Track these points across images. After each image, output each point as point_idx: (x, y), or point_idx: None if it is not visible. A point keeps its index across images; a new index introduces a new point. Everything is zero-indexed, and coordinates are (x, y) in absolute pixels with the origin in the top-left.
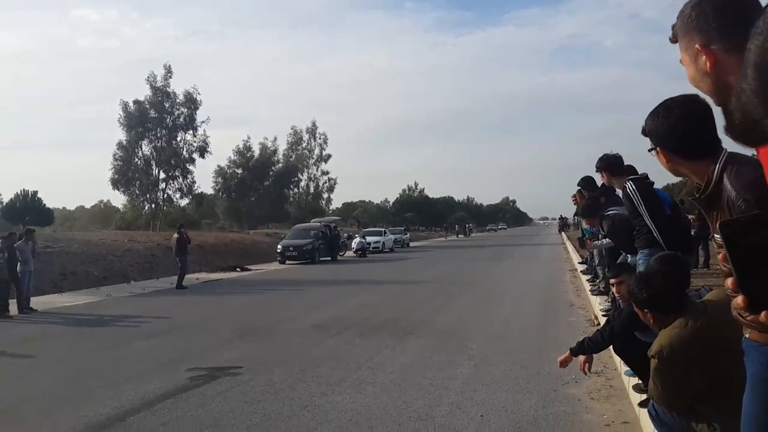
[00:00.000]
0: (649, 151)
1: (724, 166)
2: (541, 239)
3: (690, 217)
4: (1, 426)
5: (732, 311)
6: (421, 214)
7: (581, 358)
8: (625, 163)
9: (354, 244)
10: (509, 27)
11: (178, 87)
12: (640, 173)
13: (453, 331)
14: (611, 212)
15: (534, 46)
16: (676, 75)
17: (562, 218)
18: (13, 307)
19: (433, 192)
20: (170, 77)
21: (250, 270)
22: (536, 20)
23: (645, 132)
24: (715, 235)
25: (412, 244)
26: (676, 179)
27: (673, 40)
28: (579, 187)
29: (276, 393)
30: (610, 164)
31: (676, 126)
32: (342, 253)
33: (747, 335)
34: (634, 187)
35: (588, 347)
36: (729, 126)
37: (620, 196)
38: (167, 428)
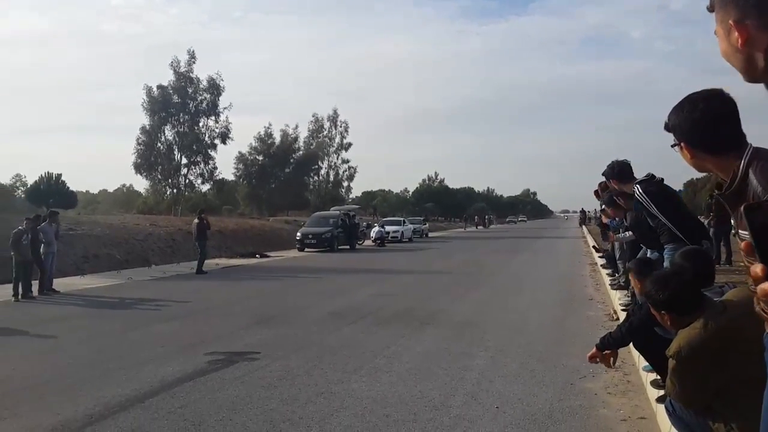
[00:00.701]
0: (673, 146)
1: (749, 161)
2: (561, 232)
3: (699, 217)
4: (23, 405)
5: (755, 306)
6: (440, 204)
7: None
8: (650, 157)
9: (373, 233)
10: (534, 16)
11: (201, 73)
12: (645, 174)
13: (470, 322)
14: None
15: (559, 36)
16: (701, 69)
17: (583, 211)
18: (35, 287)
19: (453, 182)
20: (194, 63)
21: (269, 257)
22: (562, 10)
23: (668, 127)
24: (740, 231)
25: (431, 234)
26: (699, 174)
27: (711, 8)
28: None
29: (293, 379)
30: (618, 172)
31: (700, 121)
32: (361, 242)
33: None
34: (641, 190)
35: (608, 342)
36: None
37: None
38: (185, 410)
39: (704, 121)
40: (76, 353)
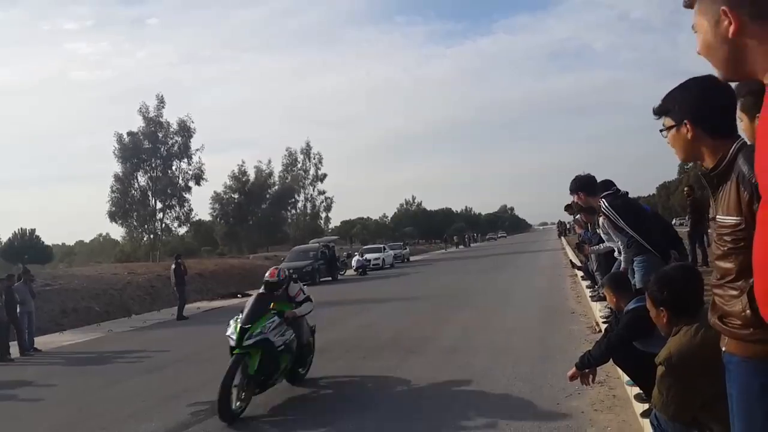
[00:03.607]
0: (663, 130)
1: (739, 147)
2: (541, 245)
3: (674, 219)
4: None
5: (709, 318)
6: (419, 227)
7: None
8: (622, 165)
9: (354, 262)
10: (499, 35)
11: (172, 115)
12: (603, 182)
13: (455, 347)
14: None
15: (526, 52)
16: (666, 73)
17: (560, 223)
18: (15, 349)
19: (431, 204)
20: (163, 107)
21: (251, 295)
22: (526, 27)
23: (665, 109)
24: (718, 216)
25: (412, 258)
26: (671, 177)
27: (688, 4)
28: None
29: (277, 425)
30: (584, 185)
31: (709, 98)
32: (342, 272)
33: (724, 348)
34: (607, 204)
35: (588, 361)
36: None
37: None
38: None
39: (713, 99)
40: (55, 415)
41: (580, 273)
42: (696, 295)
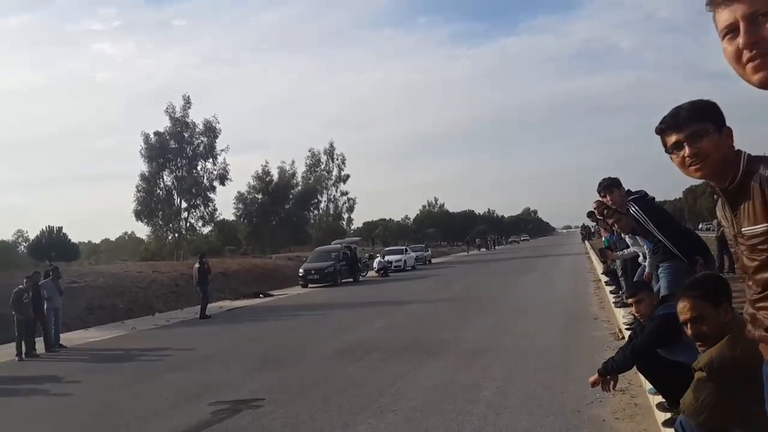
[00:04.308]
0: (695, 138)
1: (749, 158)
2: (565, 249)
3: (700, 224)
4: None
5: (751, 332)
6: (441, 229)
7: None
8: (647, 166)
9: (375, 263)
10: (523, 36)
11: (197, 116)
12: (636, 191)
13: (476, 351)
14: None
15: (550, 53)
16: (691, 75)
17: (585, 227)
18: (41, 345)
19: (454, 206)
20: (189, 107)
21: (273, 295)
22: (550, 28)
23: (708, 116)
24: (744, 229)
25: (434, 260)
26: (698, 181)
27: (719, 4)
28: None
29: (297, 426)
30: (613, 182)
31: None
32: (364, 274)
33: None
34: (636, 207)
35: (611, 368)
36: None
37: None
38: None
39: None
40: (81, 410)
41: (604, 278)
42: (729, 290)
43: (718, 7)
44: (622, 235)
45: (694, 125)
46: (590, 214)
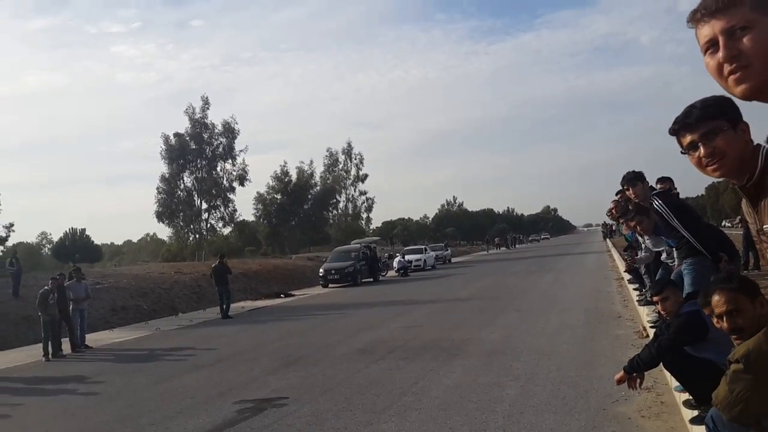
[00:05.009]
0: (709, 136)
1: (767, 151)
2: (586, 248)
3: (724, 221)
4: None
5: None
6: (461, 228)
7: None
8: (675, 162)
9: (395, 263)
10: (542, 31)
11: (215, 116)
12: (658, 180)
13: (498, 350)
14: None
15: (569, 48)
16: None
17: (606, 224)
18: (67, 345)
19: (473, 205)
20: (208, 108)
21: (293, 295)
22: (569, 22)
23: (714, 113)
24: (765, 226)
25: (453, 259)
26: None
27: (699, 20)
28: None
29: (321, 424)
30: (633, 178)
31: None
32: (384, 273)
33: None
34: (660, 201)
35: (637, 365)
36: None
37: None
38: None
39: None
40: (107, 410)
41: (627, 276)
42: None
43: (698, 23)
44: (643, 237)
45: (708, 124)
46: (610, 211)
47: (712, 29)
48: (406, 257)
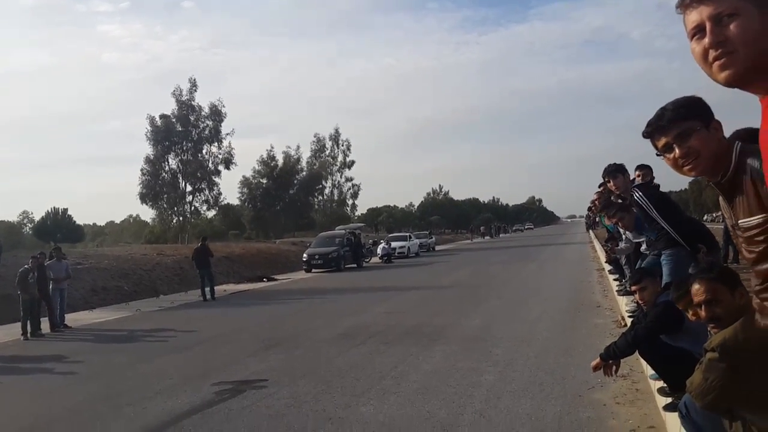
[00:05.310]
0: (683, 136)
1: (741, 149)
2: (569, 238)
3: (705, 215)
4: None
5: (760, 321)
6: (446, 216)
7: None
8: (653, 155)
9: (379, 250)
10: (534, 23)
11: (203, 99)
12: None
13: (478, 337)
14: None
15: (560, 41)
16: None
17: (589, 216)
18: (46, 325)
19: (458, 194)
20: (195, 91)
21: (276, 280)
22: (561, 14)
23: (685, 114)
24: (740, 221)
25: (437, 247)
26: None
27: (687, 6)
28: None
29: (300, 406)
30: (618, 167)
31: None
32: (368, 260)
33: None
34: (641, 193)
35: (613, 352)
36: None
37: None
38: None
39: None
40: (86, 390)
41: (608, 267)
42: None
43: (687, 9)
44: (625, 232)
45: (681, 125)
46: (590, 209)
47: (700, 15)
48: (391, 244)
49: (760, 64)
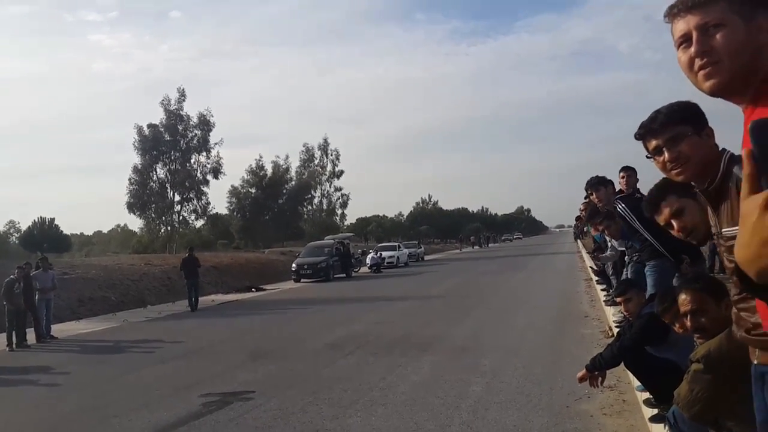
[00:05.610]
0: (674, 141)
1: (730, 157)
2: (557, 248)
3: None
4: None
5: (736, 333)
6: (435, 226)
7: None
8: (649, 167)
9: (368, 259)
10: (522, 34)
11: (191, 109)
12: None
13: (466, 347)
14: None
15: (548, 52)
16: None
17: (577, 226)
18: (31, 335)
19: (447, 204)
20: (184, 100)
21: (265, 290)
22: (550, 26)
23: (679, 118)
24: (724, 230)
25: (426, 257)
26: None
27: (675, 15)
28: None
29: (287, 418)
30: (600, 180)
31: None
32: (357, 270)
33: (756, 360)
34: (623, 205)
35: (599, 364)
36: None
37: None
38: None
39: None
40: (72, 401)
41: (595, 277)
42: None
43: (674, 18)
44: (611, 240)
45: (673, 129)
46: (578, 219)
47: (688, 24)
48: (380, 254)
49: (744, 75)
